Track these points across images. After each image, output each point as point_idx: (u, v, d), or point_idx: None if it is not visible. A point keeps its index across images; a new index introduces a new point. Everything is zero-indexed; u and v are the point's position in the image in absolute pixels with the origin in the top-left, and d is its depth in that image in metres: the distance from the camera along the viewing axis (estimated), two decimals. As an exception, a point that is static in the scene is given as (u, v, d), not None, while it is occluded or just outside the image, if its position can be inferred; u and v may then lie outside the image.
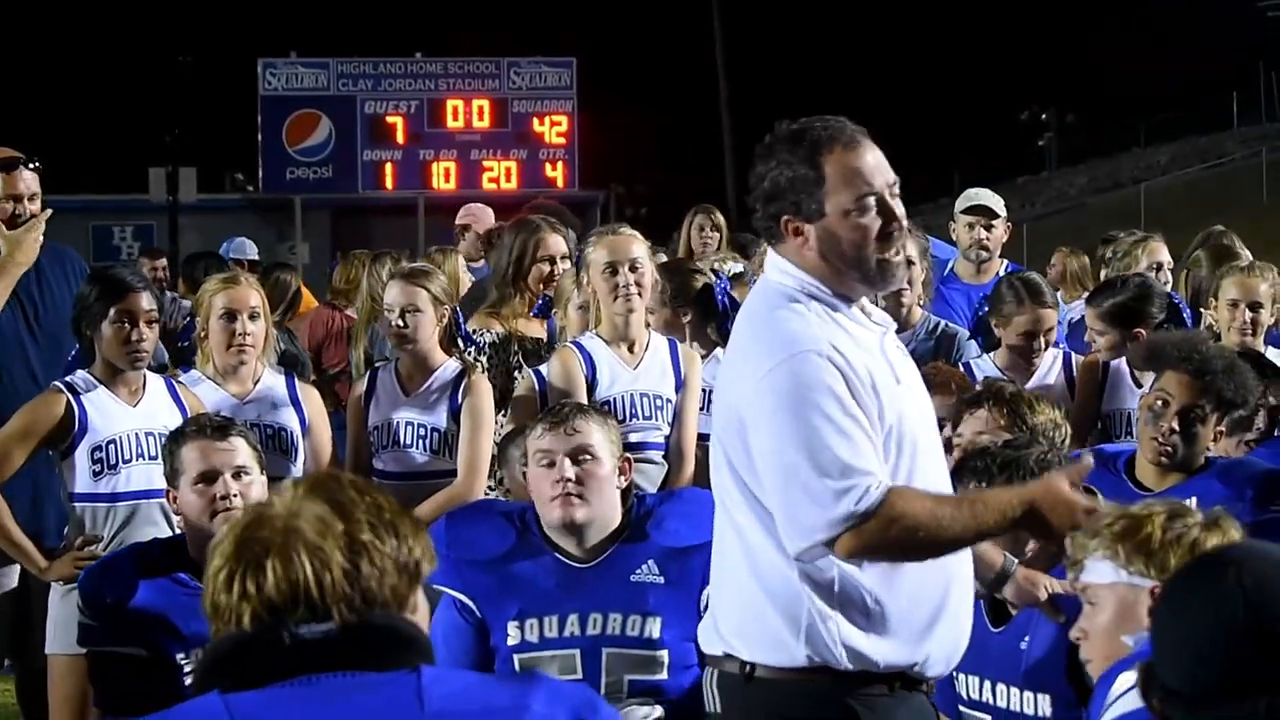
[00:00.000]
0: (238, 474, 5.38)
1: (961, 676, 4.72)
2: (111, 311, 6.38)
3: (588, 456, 5.24)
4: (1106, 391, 7.33)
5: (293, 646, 2.67)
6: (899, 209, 4.12)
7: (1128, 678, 3.35)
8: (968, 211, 9.21)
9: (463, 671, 3.14)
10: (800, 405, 3.88)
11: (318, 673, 2.67)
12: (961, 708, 4.77)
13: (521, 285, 7.70)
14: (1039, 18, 65.84)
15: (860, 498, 3.84)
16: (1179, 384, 5.67)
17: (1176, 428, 5.62)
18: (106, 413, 6.38)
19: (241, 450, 5.42)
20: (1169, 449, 5.63)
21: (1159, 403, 5.68)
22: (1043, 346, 7.38)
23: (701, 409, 6.99)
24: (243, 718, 2.63)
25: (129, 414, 6.41)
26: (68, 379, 6.44)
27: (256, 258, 14.25)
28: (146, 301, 6.44)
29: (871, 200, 4.06)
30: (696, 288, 7.72)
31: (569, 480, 5.19)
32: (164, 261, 14.93)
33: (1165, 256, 9.12)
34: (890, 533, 3.85)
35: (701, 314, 7.64)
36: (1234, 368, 5.74)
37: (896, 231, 4.08)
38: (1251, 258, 9.09)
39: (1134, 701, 3.13)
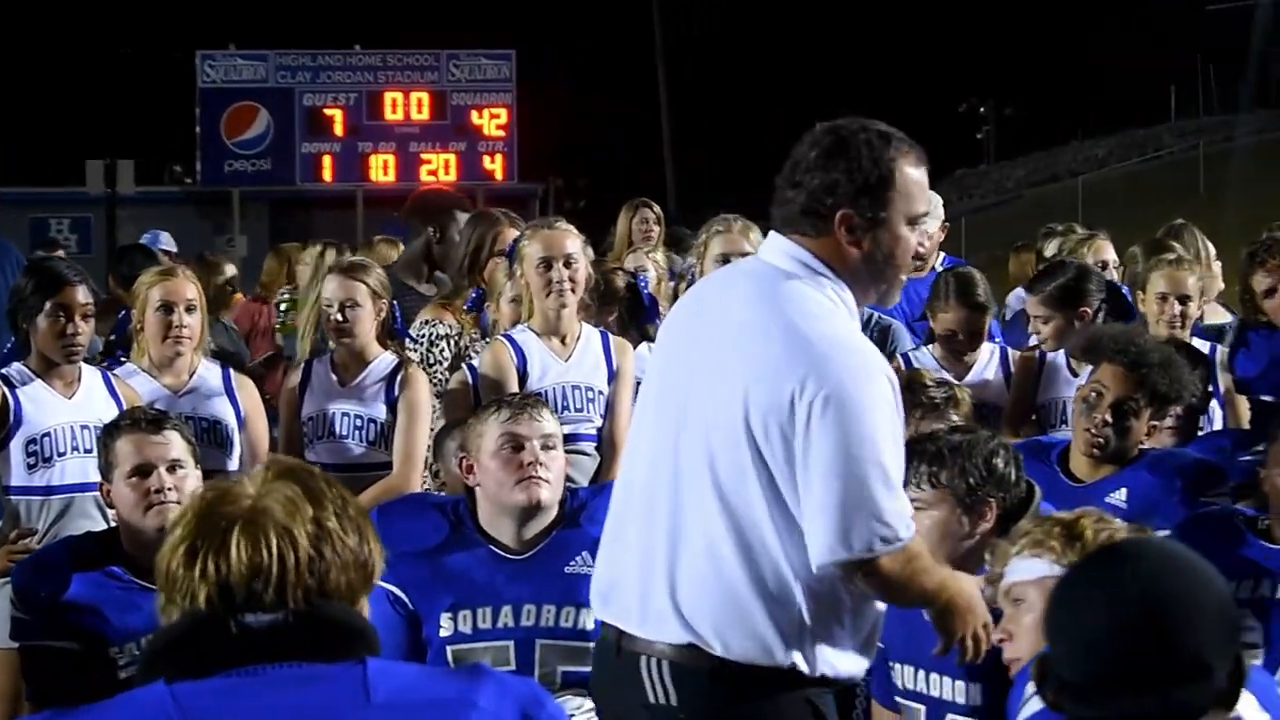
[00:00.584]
0: (172, 468, 5.33)
1: (898, 666, 4.75)
2: (47, 305, 6.37)
3: (551, 446, 5.31)
4: (1042, 381, 7.36)
5: (239, 635, 2.67)
6: None
7: None
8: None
9: (408, 664, 3.14)
10: (871, 421, 3.88)
11: (265, 663, 2.67)
12: (898, 697, 4.80)
13: (477, 278, 7.67)
14: (977, 11, 66.01)
15: (910, 525, 3.94)
16: (1114, 376, 5.72)
17: (1110, 419, 5.67)
18: (41, 405, 6.36)
19: (176, 444, 5.38)
20: (1101, 440, 5.67)
21: (1093, 394, 5.72)
22: (968, 346, 7.40)
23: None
24: (188, 707, 2.63)
25: (64, 406, 6.39)
26: (3, 371, 6.41)
27: (174, 249, 14.27)
28: (82, 295, 6.44)
29: (920, 219, 4.17)
30: (622, 288, 7.73)
31: (539, 464, 5.23)
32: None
33: (1111, 255, 9.20)
34: (906, 569, 3.95)
35: (628, 313, 7.64)
36: (1170, 362, 5.78)
37: (921, 253, 4.20)
38: (1214, 250, 9.18)
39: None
